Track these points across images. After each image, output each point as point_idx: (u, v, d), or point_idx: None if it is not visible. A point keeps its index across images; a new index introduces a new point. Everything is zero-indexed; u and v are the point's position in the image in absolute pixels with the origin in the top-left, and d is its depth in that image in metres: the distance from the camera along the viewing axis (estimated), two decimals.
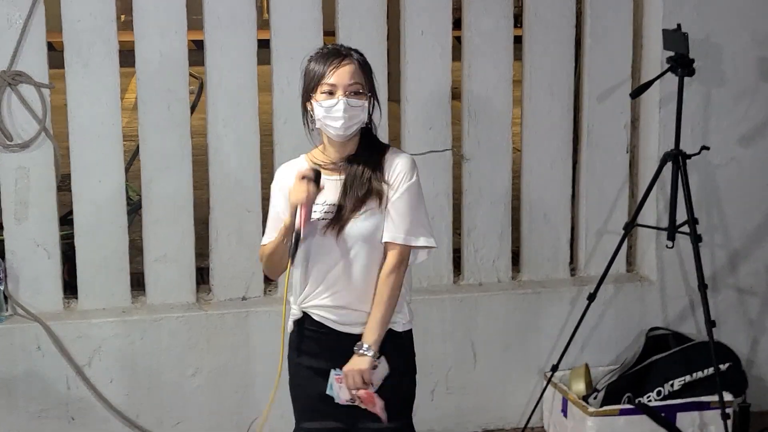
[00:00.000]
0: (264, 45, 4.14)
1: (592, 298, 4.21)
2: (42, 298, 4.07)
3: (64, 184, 4.16)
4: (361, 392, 2.92)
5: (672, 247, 4.19)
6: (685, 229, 4.08)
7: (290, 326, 3.03)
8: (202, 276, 4.37)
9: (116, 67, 4.01)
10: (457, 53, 4.32)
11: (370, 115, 2.96)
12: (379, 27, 4.20)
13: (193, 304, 4.20)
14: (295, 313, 3.02)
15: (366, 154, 2.94)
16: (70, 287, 4.19)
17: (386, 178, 2.92)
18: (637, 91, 4.16)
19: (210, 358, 4.15)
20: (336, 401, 2.96)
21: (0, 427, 4.00)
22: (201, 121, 4.26)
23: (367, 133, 2.97)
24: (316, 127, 2.94)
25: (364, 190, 2.89)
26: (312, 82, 2.91)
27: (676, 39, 3.98)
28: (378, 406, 2.93)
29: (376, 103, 2.98)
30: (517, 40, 4.36)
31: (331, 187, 2.92)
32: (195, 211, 4.20)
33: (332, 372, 2.95)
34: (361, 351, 2.90)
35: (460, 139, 4.38)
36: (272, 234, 2.96)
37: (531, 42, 4.35)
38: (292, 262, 2.86)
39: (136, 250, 4.30)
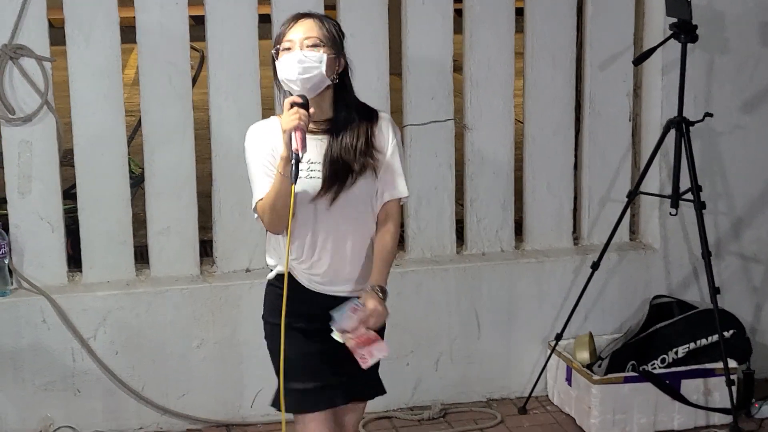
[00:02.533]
0: (264, 20, 4.14)
1: (595, 266, 4.21)
2: (46, 271, 4.09)
3: (65, 160, 4.16)
4: (372, 334, 2.94)
5: (675, 215, 4.19)
6: (689, 196, 4.08)
7: (272, 275, 3.01)
8: (206, 248, 4.38)
9: (117, 41, 4.01)
10: (458, 26, 4.31)
11: (340, 74, 2.95)
12: None
13: (197, 276, 4.21)
14: (280, 269, 2.99)
15: (348, 118, 2.95)
16: (73, 261, 4.21)
17: (377, 144, 2.97)
18: (640, 58, 4.15)
19: (215, 330, 4.17)
20: (333, 326, 2.92)
21: (7, 399, 4.02)
22: (202, 96, 4.26)
23: (340, 93, 2.97)
24: (285, 90, 2.96)
25: (359, 162, 2.92)
26: (275, 46, 2.96)
27: (678, 5, 3.97)
28: (380, 353, 2.95)
29: (344, 61, 2.97)
30: (519, 12, 4.35)
31: (313, 147, 2.91)
32: (197, 184, 4.20)
33: (353, 301, 2.94)
34: (380, 295, 2.95)
35: (462, 110, 4.37)
36: (266, 187, 2.92)
37: (533, 11, 4.34)
38: (294, 183, 2.81)
39: (139, 223, 4.30)
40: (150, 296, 4.11)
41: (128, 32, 4.07)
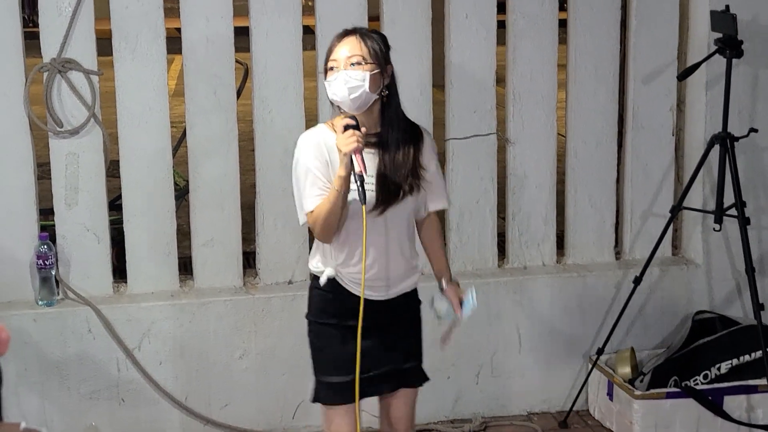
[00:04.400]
0: (308, 31, 4.16)
1: (638, 281, 4.20)
2: (92, 282, 4.13)
3: (111, 171, 4.21)
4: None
5: (719, 230, 4.17)
6: (733, 212, 4.05)
7: (324, 281, 3.13)
8: (249, 260, 4.41)
9: (163, 54, 4.05)
10: (500, 39, 4.31)
11: (386, 87, 3.04)
12: (424, 11, 4.20)
13: (240, 288, 4.24)
14: (329, 272, 3.12)
15: (396, 134, 3.05)
16: (118, 272, 4.25)
17: (423, 162, 3.10)
18: (685, 73, 4.13)
19: (257, 341, 4.19)
20: (466, 313, 3.24)
21: (53, 407, 4.07)
22: (245, 108, 4.29)
23: (387, 105, 3.05)
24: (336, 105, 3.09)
25: (408, 183, 3.05)
26: (324, 65, 3.06)
27: (724, 20, 3.95)
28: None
29: (391, 72, 3.06)
30: (562, 24, 4.34)
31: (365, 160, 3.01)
32: (240, 196, 4.23)
33: (471, 290, 3.24)
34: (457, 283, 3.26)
35: (504, 123, 4.38)
36: (318, 197, 3.02)
37: (576, 24, 4.33)
38: (364, 202, 2.92)
39: (182, 234, 4.34)
40: (193, 307, 4.15)
41: (169, 42, 4.11)
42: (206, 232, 4.19)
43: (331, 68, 3.00)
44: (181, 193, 4.47)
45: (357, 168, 2.91)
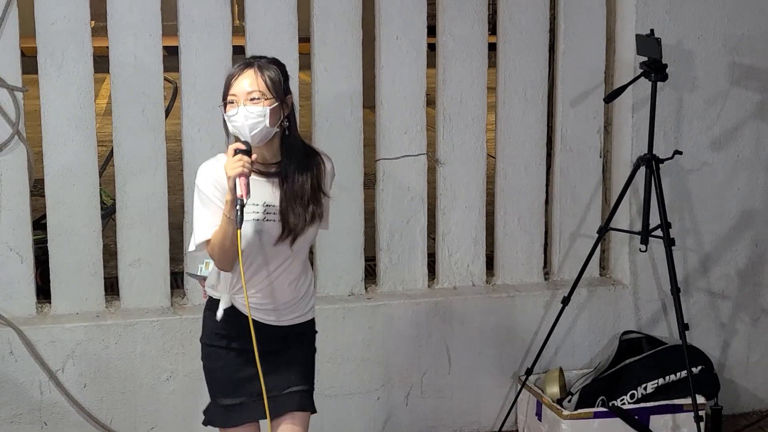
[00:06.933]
0: (238, 52, 4.14)
1: (565, 301, 4.23)
2: (15, 302, 4.04)
3: (36, 189, 4.14)
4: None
5: (645, 251, 4.22)
6: (658, 233, 4.11)
7: (220, 314, 3.12)
8: (177, 281, 4.36)
9: (90, 71, 4.00)
10: (431, 61, 4.34)
11: (286, 118, 3.04)
12: (354, 32, 4.21)
13: (168, 308, 4.19)
14: (226, 301, 3.14)
15: (296, 162, 3.05)
16: (42, 292, 4.17)
17: (324, 189, 3.11)
18: (611, 96, 4.19)
19: (184, 363, 4.13)
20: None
21: None
22: (174, 127, 4.25)
23: (287, 135, 3.06)
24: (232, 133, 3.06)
25: (308, 212, 3.05)
26: (223, 97, 3.03)
27: (649, 44, 4.02)
28: None
29: (291, 102, 3.06)
30: (491, 47, 4.39)
31: (265, 188, 3.04)
32: (168, 215, 4.19)
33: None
34: None
35: (435, 145, 4.40)
36: (216, 226, 3.01)
37: (505, 46, 4.38)
38: (239, 227, 2.90)
39: (109, 254, 4.28)
40: (120, 328, 4.08)
41: (101, 62, 4.07)
42: (133, 252, 4.14)
43: (231, 102, 2.98)
44: (108, 212, 4.41)
45: (238, 192, 2.90)
